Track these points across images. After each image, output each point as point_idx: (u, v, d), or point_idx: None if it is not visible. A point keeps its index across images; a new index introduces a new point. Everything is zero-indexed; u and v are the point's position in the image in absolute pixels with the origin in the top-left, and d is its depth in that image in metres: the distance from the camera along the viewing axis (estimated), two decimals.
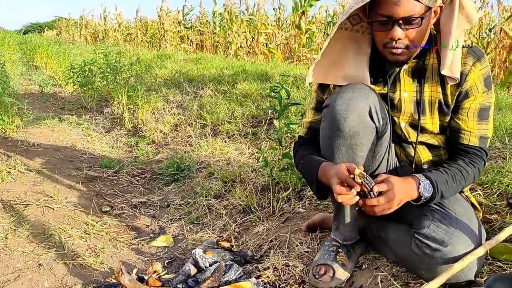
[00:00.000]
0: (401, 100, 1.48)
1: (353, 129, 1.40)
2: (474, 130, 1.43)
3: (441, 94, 1.44)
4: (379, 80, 1.51)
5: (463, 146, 1.45)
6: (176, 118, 4.33)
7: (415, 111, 1.47)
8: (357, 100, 1.39)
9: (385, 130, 1.48)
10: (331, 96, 1.47)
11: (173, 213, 2.51)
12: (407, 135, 1.51)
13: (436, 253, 1.35)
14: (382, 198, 1.29)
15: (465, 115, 1.44)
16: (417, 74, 1.46)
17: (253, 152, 3.25)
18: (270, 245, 2.03)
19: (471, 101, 1.42)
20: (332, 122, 1.42)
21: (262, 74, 5.08)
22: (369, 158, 1.48)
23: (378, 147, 1.50)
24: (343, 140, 1.43)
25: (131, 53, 8.90)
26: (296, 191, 2.43)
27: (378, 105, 1.43)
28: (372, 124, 1.42)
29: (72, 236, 2.03)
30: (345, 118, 1.40)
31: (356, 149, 1.44)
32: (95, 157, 3.48)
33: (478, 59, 1.39)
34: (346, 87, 1.45)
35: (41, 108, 5.23)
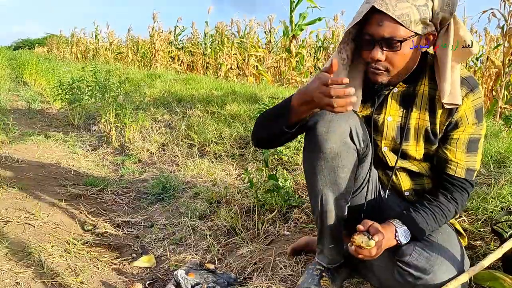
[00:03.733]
0: (383, 124, 1.49)
1: (335, 150, 1.41)
2: (461, 161, 1.43)
3: (429, 123, 1.44)
4: (368, 100, 1.52)
5: (449, 177, 1.45)
6: (164, 137, 4.31)
7: (398, 136, 1.48)
8: (338, 122, 1.40)
9: (367, 152, 1.49)
10: (312, 117, 1.47)
11: (156, 233, 2.47)
12: (388, 160, 1.52)
13: (418, 281, 1.34)
14: (374, 248, 1.30)
15: (453, 146, 1.43)
16: (406, 100, 1.47)
17: (240, 173, 3.24)
18: (254, 268, 2.00)
19: (460, 131, 1.42)
20: (314, 144, 1.43)
21: (251, 96, 5.11)
22: (351, 179, 1.49)
23: (360, 169, 1.51)
24: (324, 161, 1.43)
25: (121, 72, 8.90)
26: (281, 214, 2.42)
27: (359, 127, 1.43)
28: (353, 145, 1.43)
29: (52, 254, 1.98)
30: (326, 140, 1.40)
31: (338, 170, 1.44)
32: (80, 175, 3.43)
33: (472, 90, 1.38)
34: None
35: (28, 124, 5.18)
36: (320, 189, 1.48)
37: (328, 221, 1.54)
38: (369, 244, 1.27)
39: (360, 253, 1.30)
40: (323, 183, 1.46)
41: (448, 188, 1.45)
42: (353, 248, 1.31)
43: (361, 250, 1.30)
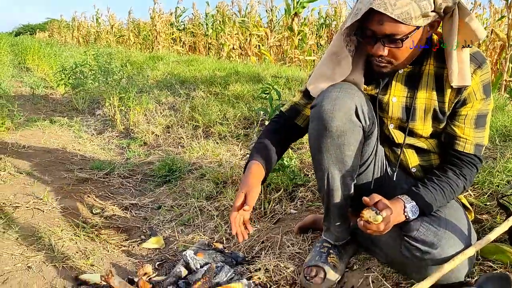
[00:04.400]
0: (388, 104, 1.48)
1: (341, 128, 1.40)
2: (470, 137, 1.42)
3: (437, 102, 1.42)
4: (372, 82, 1.51)
5: (458, 153, 1.44)
6: (168, 119, 4.31)
7: (403, 116, 1.47)
8: (343, 100, 1.39)
9: (372, 130, 1.49)
10: (318, 96, 1.47)
11: (164, 215, 2.50)
12: (395, 137, 1.51)
13: (426, 255, 1.35)
14: (383, 224, 1.29)
15: (461, 122, 1.42)
16: (411, 80, 1.45)
17: (245, 154, 3.25)
18: (261, 246, 2.02)
19: (468, 108, 1.40)
20: (320, 122, 1.42)
21: (254, 76, 5.08)
22: (357, 157, 1.49)
23: (366, 146, 1.50)
24: (330, 139, 1.43)
25: (123, 55, 8.86)
26: (287, 192, 2.43)
27: (365, 105, 1.43)
28: (359, 123, 1.42)
29: (62, 238, 2.01)
30: (332, 118, 1.39)
31: (344, 148, 1.44)
32: (86, 159, 3.45)
33: (479, 66, 1.37)
34: (332, 86, 1.45)
35: (32, 110, 5.18)
36: (326, 167, 1.48)
37: (335, 199, 1.55)
38: (377, 219, 1.28)
39: (369, 228, 1.30)
40: (329, 161, 1.46)
41: (457, 164, 1.45)
42: (361, 223, 1.31)
43: (369, 225, 1.30)
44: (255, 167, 1.51)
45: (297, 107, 1.64)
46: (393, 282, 1.51)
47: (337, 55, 1.46)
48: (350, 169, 1.48)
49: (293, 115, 1.64)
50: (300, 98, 1.64)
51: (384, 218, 1.28)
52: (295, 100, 1.65)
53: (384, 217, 1.28)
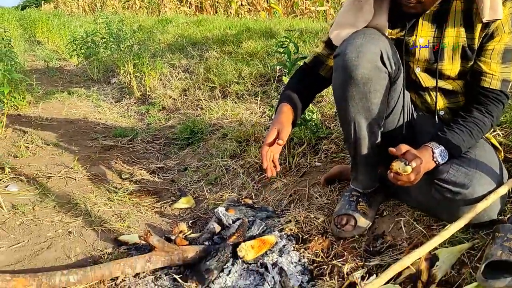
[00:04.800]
0: (415, 46, 1.46)
1: (366, 76, 1.39)
2: (496, 72, 1.39)
3: (465, 39, 1.39)
4: (397, 25, 1.47)
5: (484, 90, 1.41)
6: (184, 82, 4.32)
7: (431, 57, 1.44)
8: (368, 46, 1.37)
9: (398, 75, 1.47)
10: (341, 44, 1.45)
11: (191, 176, 2.55)
12: (422, 81, 1.50)
13: (457, 196, 1.35)
14: (413, 174, 1.28)
15: (488, 57, 1.39)
16: (438, 19, 1.41)
17: (264, 111, 3.25)
18: (289, 200, 2.06)
19: (496, 42, 1.37)
20: (344, 71, 1.41)
21: (266, 31, 5.00)
22: (384, 104, 1.48)
23: (392, 92, 1.49)
24: (356, 88, 1.42)
25: (132, 21, 8.77)
26: (311, 146, 2.44)
27: (389, 50, 1.41)
28: (384, 69, 1.40)
29: (96, 203, 2.08)
30: (356, 66, 1.38)
31: (370, 96, 1.43)
32: (109, 127, 3.50)
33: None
34: (356, 34, 1.42)
35: (49, 83, 5.23)
36: (353, 117, 1.48)
37: (362, 148, 1.56)
38: (406, 170, 1.27)
39: (399, 179, 1.30)
40: (355, 110, 1.46)
41: (483, 102, 1.43)
42: (391, 175, 1.31)
43: (400, 177, 1.29)
44: (285, 109, 1.56)
45: (320, 57, 1.63)
46: (425, 225, 1.53)
47: (358, 0, 1.43)
48: (377, 117, 1.48)
49: (317, 66, 1.64)
50: (323, 49, 1.62)
51: (414, 168, 1.27)
52: (318, 51, 1.64)
53: (414, 167, 1.27)
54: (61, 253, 1.66)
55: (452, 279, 1.30)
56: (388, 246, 1.54)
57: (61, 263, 1.60)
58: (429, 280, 1.30)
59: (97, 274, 1.47)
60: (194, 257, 1.58)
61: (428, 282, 1.30)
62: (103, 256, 1.66)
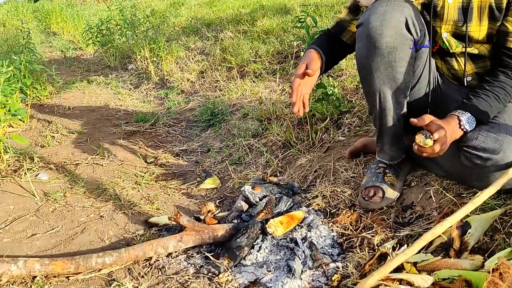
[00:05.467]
0: (444, 7, 1.42)
1: (391, 44, 1.36)
2: None
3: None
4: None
5: (510, 51, 1.38)
6: (201, 65, 4.31)
7: (460, 18, 1.41)
8: (392, 14, 1.34)
9: (424, 42, 1.44)
10: (364, 13, 1.42)
11: (215, 157, 2.57)
12: (449, 46, 1.46)
13: (487, 162, 1.33)
14: (437, 145, 1.26)
15: None
16: None
17: (284, 88, 3.24)
18: (315, 175, 2.06)
19: None
20: (368, 41, 1.39)
21: (280, 8, 4.95)
22: (409, 73, 1.46)
23: (418, 60, 1.47)
24: (380, 58, 1.40)
25: (144, 6, 8.75)
26: (333, 121, 2.43)
27: (414, 16, 1.38)
28: (410, 36, 1.38)
29: (125, 188, 2.12)
30: (381, 34, 1.36)
31: (395, 65, 1.41)
32: (130, 113, 3.54)
33: None
34: (379, 2, 1.40)
35: (68, 73, 5.28)
36: (378, 87, 1.47)
37: (388, 119, 1.54)
38: (426, 143, 1.26)
39: (423, 151, 1.28)
40: (380, 81, 1.44)
41: (508, 64, 1.39)
42: (416, 147, 1.30)
43: (424, 149, 1.28)
44: (313, 51, 1.56)
45: (343, 23, 1.60)
46: (455, 193, 1.52)
47: None
48: (403, 86, 1.46)
49: (339, 31, 1.62)
50: (346, 14, 1.60)
51: (438, 139, 1.25)
52: (340, 17, 1.62)
53: (437, 139, 1.25)
54: (94, 236, 1.70)
55: (485, 246, 1.29)
56: (418, 216, 1.53)
57: (96, 246, 1.64)
58: (462, 247, 1.30)
59: (131, 255, 1.51)
60: (224, 235, 1.60)
61: (461, 249, 1.29)
62: (135, 238, 1.70)
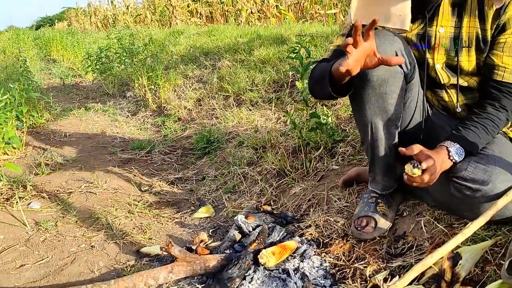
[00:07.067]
0: (436, 37, 1.45)
1: (382, 77, 1.39)
2: (509, 65, 1.38)
3: (480, 29, 1.40)
4: (418, 17, 1.47)
5: (496, 83, 1.41)
6: (198, 93, 4.35)
7: (451, 47, 1.44)
8: (383, 47, 1.37)
9: (413, 75, 1.47)
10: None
11: (209, 185, 2.57)
12: (441, 78, 1.48)
13: (477, 193, 1.33)
14: (427, 175, 1.27)
15: (500, 50, 1.39)
16: (457, 7, 1.42)
17: (279, 117, 3.26)
18: (308, 204, 2.06)
19: (507, 35, 1.37)
20: (359, 73, 1.40)
21: (277, 38, 5.02)
22: (400, 104, 1.48)
23: (408, 93, 1.49)
24: (372, 90, 1.42)
25: (144, 34, 8.89)
26: (327, 149, 2.44)
27: (404, 50, 1.40)
28: (400, 70, 1.40)
29: (117, 217, 2.11)
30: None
31: (386, 97, 1.43)
32: (126, 141, 3.55)
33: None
34: None
35: (66, 99, 5.32)
36: (369, 118, 1.48)
37: (379, 150, 1.55)
38: (414, 173, 1.27)
39: (413, 181, 1.29)
40: (371, 112, 1.46)
41: (496, 97, 1.41)
42: (405, 177, 1.31)
43: (413, 179, 1.29)
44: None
45: (340, 48, 1.60)
46: (446, 224, 1.52)
47: None
48: (394, 118, 1.48)
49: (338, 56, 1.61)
50: (342, 41, 1.61)
51: (427, 169, 1.26)
52: (336, 43, 1.61)
53: (425, 169, 1.26)
54: (84, 267, 1.68)
55: (476, 277, 1.28)
56: (410, 247, 1.53)
57: (85, 277, 1.62)
58: (453, 279, 1.29)
59: (120, 286, 1.49)
60: (216, 266, 1.58)
61: (452, 281, 1.28)
62: (126, 268, 1.68)
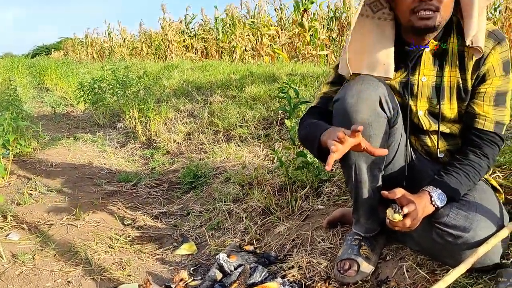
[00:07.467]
0: (419, 85, 1.48)
1: (365, 121, 1.40)
2: (489, 114, 1.41)
3: (461, 79, 1.43)
4: (401, 66, 1.50)
5: (478, 132, 1.43)
6: (188, 126, 4.37)
7: (433, 95, 1.47)
8: (367, 92, 1.40)
9: (397, 120, 1.49)
10: (340, 90, 1.47)
11: (194, 221, 2.53)
12: (423, 124, 1.51)
13: (458, 240, 1.34)
14: (408, 219, 1.28)
15: (481, 100, 1.42)
16: (438, 57, 1.46)
17: (267, 154, 3.27)
18: (292, 244, 2.04)
19: (488, 84, 1.40)
20: (344, 116, 1.43)
21: (269, 76, 5.10)
22: (384, 148, 1.48)
23: (392, 137, 1.50)
24: None
25: (138, 67, 8.99)
26: (313, 189, 2.44)
27: (388, 95, 1.43)
28: (383, 114, 1.42)
29: (97, 251, 2.06)
30: (356, 111, 1.40)
31: (370, 140, 1.43)
32: (113, 172, 3.52)
33: (499, 42, 1.38)
34: (354, 80, 1.46)
35: (56, 128, 5.31)
36: (353, 161, 1.49)
37: (363, 192, 1.55)
38: (395, 218, 1.28)
39: (395, 225, 1.30)
40: (355, 154, 1.47)
41: (477, 144, 1.43)
42: (387, 221, 1.32)
43: (395, 223, 1.30)
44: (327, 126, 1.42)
45: (328, 94, 1.61)
46: (428, 270, 1.50)
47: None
48: (377, 161, 1.49)
49: (325, 103, 1.61)
50: (328, 88, 1.63)
51: (408, 213, 1.27)
52: (323, 91, 1.64)
53: (407, 213, 1.27)
54: None
55: None
56: None
57: None
58: None
59: None
60: None
61: None
62: None
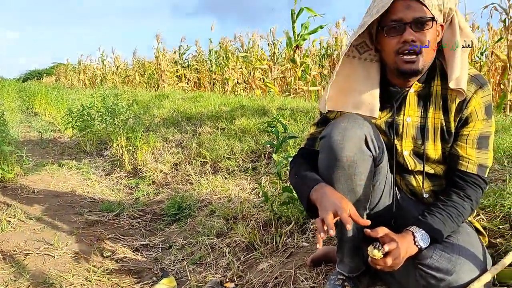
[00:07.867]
0: (403, 125, 1.49)
1: (351, 158, 1.40)
2: (472, 157, 1.42)
3: (444, 121, 1.44)
4: (386, 106, 1.51)
5: (461, 173, 1.43)
6: (176, 157, 4.33)
7: (418, 136, 1.48)
8: (353, 130, 1.40)
9: (382, 159, 1.48)
10: (326, 127, 1.47)
11: (175, 254, 2.47)
12: (408, 164, 1.51)
13: (441, 283, 1.31)
14: (390, 258, 1.27)
15: (464, 142, 1.43)
16: (422, 99, 1.47)
17: (254, 188, 3.24)
18: (275, 282, 1.99)
19: (470, 128, 1.42)
20: (330, 153, 1.42)
21: (259, 109, 5.12)
22: (368, 186, 1.48)
23: (377, 175, 1.50)
24: (341, 170, 1.42)
25: (129, 95, 9.00)
26: (298, 225, 2.40)
27: (373, 134, 1.43)
28: (369, 152, 1.42)
29: (73, 284, 1.99)
30: (342, 148, 1.40)
31: (355, 178, 1.43)
32: (96, 201, 3.46)
33: (481, 87, 1.40)
34: (340, 118, 1.46)
35: (41, 154, 5.24)
36: None
37: (347, 231, 1.53)
38: (374, 255, 1.26)
39: (376, 263, 1.29)
40: (340, 192, 1.45)
41: (461, 186, 1.43)
42: (369, 259, 1.30)
43: (376, 261, 1.28)
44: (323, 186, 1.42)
45: (314, 135, 1.62)
46: None
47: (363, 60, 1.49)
48: (362, 199, 1.47)
49: (311, 145, 1.62)
50: (315, 129, 1.63)
51: (390, 252, 1.26)
52: (310, 132, 1.64)
53: (388, 251, 1.26)
54: None
55: None
56: None
57: None
58: None
59: None
60: None
61: None
62: None
